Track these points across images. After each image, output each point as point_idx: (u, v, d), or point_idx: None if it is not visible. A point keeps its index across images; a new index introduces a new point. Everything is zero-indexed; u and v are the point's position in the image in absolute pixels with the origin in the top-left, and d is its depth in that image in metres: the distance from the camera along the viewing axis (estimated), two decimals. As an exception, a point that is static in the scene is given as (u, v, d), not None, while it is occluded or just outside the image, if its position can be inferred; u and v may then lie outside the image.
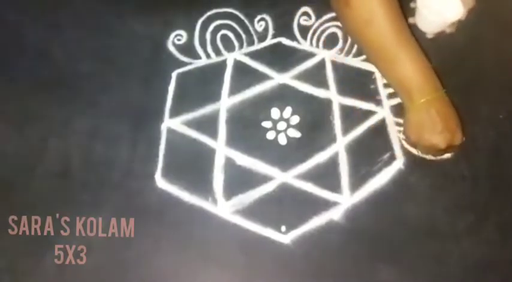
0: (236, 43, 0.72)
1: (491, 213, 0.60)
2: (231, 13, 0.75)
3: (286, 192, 0.61)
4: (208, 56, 0.72)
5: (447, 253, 0.57)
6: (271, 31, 0.73)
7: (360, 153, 0.63)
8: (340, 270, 0.57)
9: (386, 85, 0.68)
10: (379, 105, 0.67)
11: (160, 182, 0.62)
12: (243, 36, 0.73)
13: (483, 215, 0.60)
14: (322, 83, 0.69)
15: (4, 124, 0.66)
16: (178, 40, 0.73)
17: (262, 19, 0.74)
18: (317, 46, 0.72)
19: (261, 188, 0.61)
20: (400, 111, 0.65)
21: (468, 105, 0.63)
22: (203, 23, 0.74)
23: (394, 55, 0.61)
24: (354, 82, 0.69)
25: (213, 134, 0.65)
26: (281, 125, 0.66)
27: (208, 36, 0.73)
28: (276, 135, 0.65)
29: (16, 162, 0.63)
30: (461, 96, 0.62)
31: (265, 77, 0.69)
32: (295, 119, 0.66)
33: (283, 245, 0.58)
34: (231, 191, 0.61)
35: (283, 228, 0.59)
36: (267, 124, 0.66)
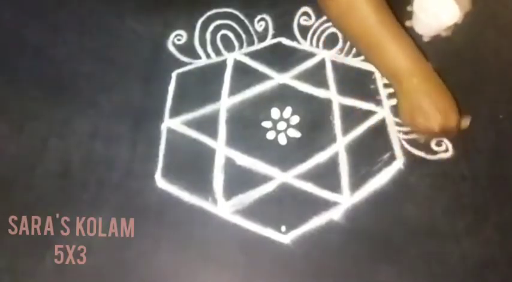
0: (236, 43, 0.72)
1: (491, 213, 0.60)
2: (231, 13, 0.75)
3: (286, 192, 0.61)
4: (208, 56, 0.72)
5: (447, 253, 0.57)
6: (271, 31, 0.74)
7: (360, 153, 0.63)
8: (340, 270, 0.57)
9: (386, 85, 0.68)
10: (379, 105, 0.67)
11: (160, 182, 0.62)
12: (243, 36, 0.73)
13: (483, 215, 0.59)
14: (322, 83, 0.69)
15: (4, 124, 0.66)
16: (178, 40, 0.73)
17: (262, 19, 0.74)
18: (317, 46, 0.72)
19: (261, 188, 0.61)
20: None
21: (468, 105, 0.63)
22: (203, 23, 0.74)
23: (379, 39, 0.61)
24: (354, 82, 0.69)
25: (213, 134, 0.65)
26: (281, 125, 0.66)
27: (208, 36, 0.73)
28: (276, 135, 0.65)
29: (16, 162, 0.63)
30: (461, 96, 0.62)
31: (265, 77, 0.69)
32: (295, 119, 0.66)
33: (283, 245, 0.58)
34: (231, 191, 0.61)
35: (283, 228, 0.59)
36: (267, 124, 0.66)
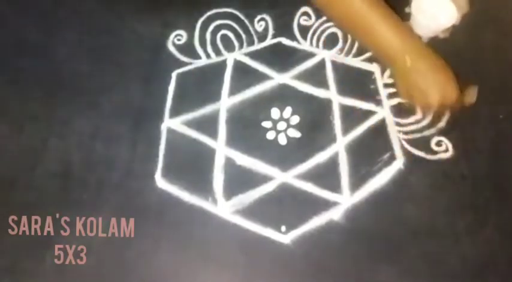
0: (236, 43, 0.72)
1: (491, 213, 0.60)
2: (231, 13, 0.75)
3: (286, 192, 0.61)
4: (208, 56, 0.72)
5: (447, 253, 0.57)
6: (271, 31, 0.73)
7: (360, 153, 0.63)
8: (340, 270, 0.57)
9: (386, 85, 0.68)
10: (379, 105, 0.67)
11: (160, 182, 0.62)
12: (243, 36, 0.73)
13: (483, 215, 0.59)
14: (322, 83, 0.69)
15: (4, 124, 0.66)
16: (178, 40, 0.73)
17: (262, 19, 0.74)
18: (317, 46, 0.72)
19: (261, 188, 0.61)
20: (400, 111, 0.65)
21: (468, 105, 0.63)
22: (203, 23, 0.74)
23: (367, 21, 0.62)
24: (354, 82, 0.69)
25: (213, 134, 0.65)
26: (281, 125, 0.66)
27: (208, 36, 0.73)
28: (276, 135, 0.65)
29: (16, 162, 0.63)
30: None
31: (265, 77, 0.69)
32: (295, 119, 0.66)
33: (283, 245, 0.58)
34: (231, 191, 0.61)
35: (283, 228, 0.59)
36: (267, 124, 0.66)
